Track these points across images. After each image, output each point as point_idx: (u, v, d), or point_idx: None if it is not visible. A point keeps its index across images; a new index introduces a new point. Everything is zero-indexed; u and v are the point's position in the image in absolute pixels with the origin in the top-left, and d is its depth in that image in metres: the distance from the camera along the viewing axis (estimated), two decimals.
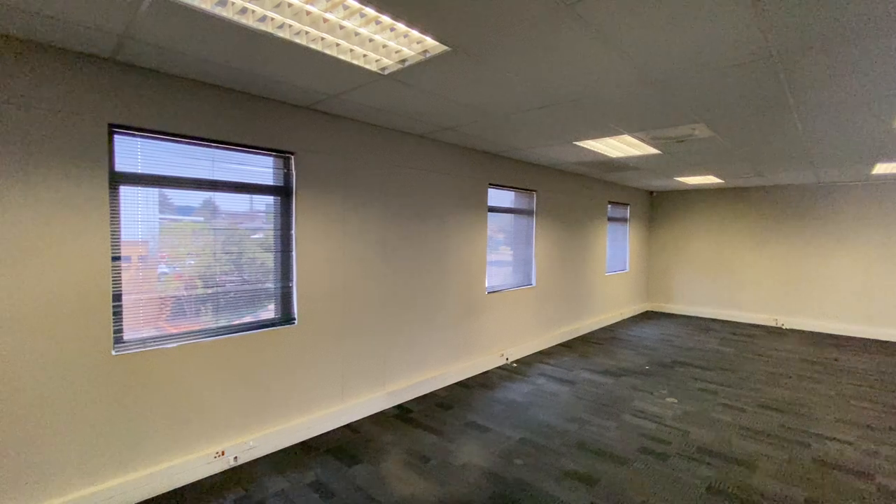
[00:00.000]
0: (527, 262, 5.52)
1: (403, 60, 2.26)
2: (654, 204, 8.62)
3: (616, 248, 7.70)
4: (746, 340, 6.21)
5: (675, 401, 3.92)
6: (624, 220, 7.83)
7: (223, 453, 2.71)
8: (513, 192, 5.30)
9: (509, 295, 5.08)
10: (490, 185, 4.75)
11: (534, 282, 5.48)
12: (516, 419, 3.49)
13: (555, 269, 5.84)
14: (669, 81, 2.44)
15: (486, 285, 4.79)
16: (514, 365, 4.92)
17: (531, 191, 5.40)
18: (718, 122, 3.28)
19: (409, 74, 2.43)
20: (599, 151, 4.39)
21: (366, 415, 3.53)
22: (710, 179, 6.50)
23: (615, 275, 7.47)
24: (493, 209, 4.87)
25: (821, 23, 1.76)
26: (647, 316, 7.99)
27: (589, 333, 6.50)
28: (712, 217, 7.90)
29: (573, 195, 6.18)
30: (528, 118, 3.25)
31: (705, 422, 3.49)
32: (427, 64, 2.27)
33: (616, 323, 7.31)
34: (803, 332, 6.82)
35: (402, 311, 3.80)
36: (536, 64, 2.23)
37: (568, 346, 5.78)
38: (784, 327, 7.11)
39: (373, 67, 2.35)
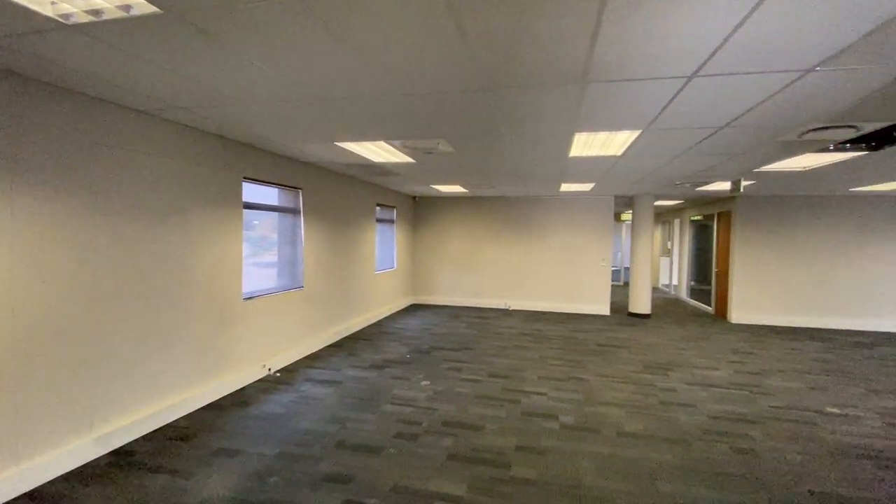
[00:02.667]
0: (294, 264, 5.24)
1: (97, 11, 1.77)
2: (418, 207, 9.52)
3: (385, 247, 8.15)
4: (485, 322, 7.52)
5: (429, 383, 4.39)
6: (391, 221, 8.37)
7: None
8: (276, 189, 4.95)
9: (273, 300, 4.72)
10: (246, 178, 4.30)
11: (302, 283, 5.26)
12: (275, 434, 3.25)
13: (325, 269, 5.75)
14: (415, 96, 2.68)
15: (244, 291, 4.32)
16: (278, 374, 4.60)
17: (296, 188, 5.16)
18: (455, 140, 3.81)
19: (109, 32, 1.92)
20: (361, 154, 4.52)
21: (60, 473, 2.66)
22: (458, 189, 7.58)
23: (384, 272, 7.90)
24: (250, 206, 4.42)
25: (512, 68, 2.22)
26: (413, 309, 8.77)
27: (360, 331, 6.67)
28: (463, 220, 9.26)
29: (343, 196, 6.21)
30: (278, 110, 3.06)
31: (451, 397, 4.02)
32: (133, 24, 1.84)
33: (386, 317, 7.75)
34: (523, 311, 8.72)
35: (120, 330, 3.03)
36: (277, 53, 2.09)
37: (338, 345, 5.78)
38: (511, 309, 8.94)
39: (47, 11, 1.76)
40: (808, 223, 7.73)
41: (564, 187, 7.25)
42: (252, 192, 4.51)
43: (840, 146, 3.82)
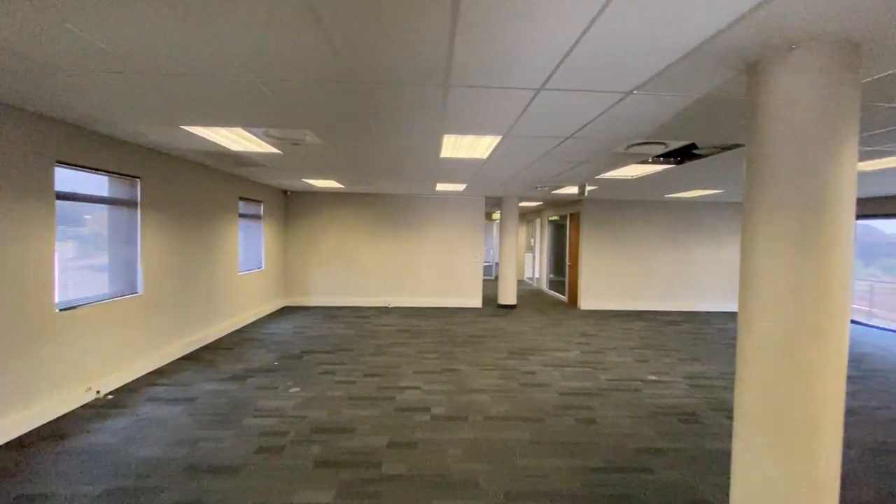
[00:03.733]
0: (129, 265, 4.47)
1: None
2: (290, 203, 8.93)
3: (251, 246, 7.47)
4: (363, 321, 7.40)
5: (298, 389, 4.15)
6: (258, 217, 7.70)
7: None
8: (105, 177, 4.16)
9: (102, 309, 3.96)
10: (60, 163, 3.52)
11: (140, 289, 4.52)
12: (102, 468, 2.73)
13: (172, 271, 5.03)
14: (272, 83, 2.47)
15: (60, 299, 3.54)
16: (110, 397, 3.89)
17: (133, 177, 4.41)
18: (324, 132, 3.65)
19: None
20: (215, 141, 4.05)
21: None
22: (333, 184, 7.31)
23: (250, 273, 7.24)
24: (66, 196, 3.64)
25: (373, 65, 2.19)
26: (285, 312, 8.21)
27: (220, 339, 6.00)
28: (340, 217, 8.95)
29: (197, 187, 5.50)
30: (106, 84, 2.56)
31: (322, 402, 3.86)
32: None
33: (252, 323, 7.11)
34: (403, 308, 8.80)
35: None
36: (99, 17, 1.74)
37: (192, 357, 5.12)
38: (390, 306, 8.95)
39: None
40: (638, 223, 9.22)
41: (440, 186, 7.49)
42: (78, 180, 3.73)
43: (656, 159, 4.62)
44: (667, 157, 4.47)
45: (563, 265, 10.82)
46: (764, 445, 1.96)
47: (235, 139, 3.96)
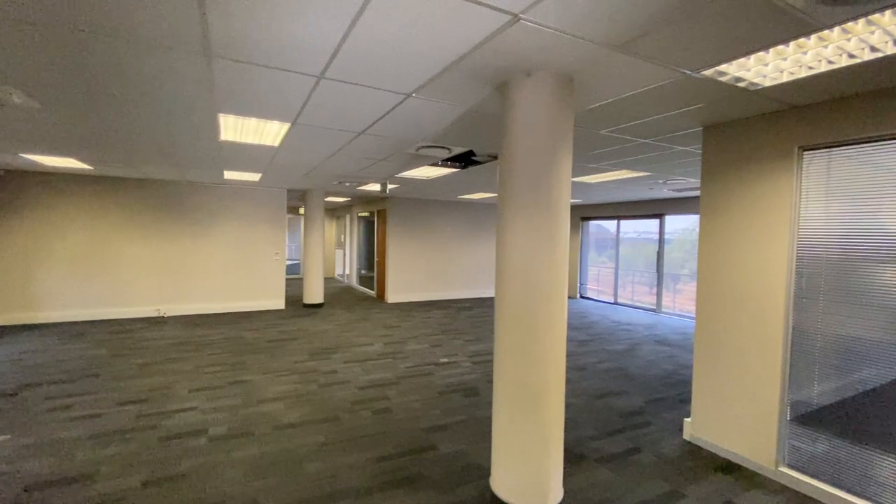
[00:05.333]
0: None
1: None
2: (8, 187, 6.56)
3: None
4: (124, 337, 6.00)
5: (8, 437, 3.07)
6: None
7: None
8: None
9: None
10: None
11: None
12: None
13: None
14: None
15: None
16: None
17: None
18: (41, 94, 2.75)
19: None
20: None
21: None
22: (74, 163, 5.67)
23: None
24: None
25: (108, 11, 1.72)
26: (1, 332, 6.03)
27: None
28: (91, 208, 7.03)
29: None
30: None
31: (48, 448, 2.94)
32: None
33: None
34: (183, 316, 7.50)
35: None
36: None
37: None
38: (166, 316, 7.51)
39: None
40: (438, 220, 10.02)
41: (229, 175, 6.62)
42: None
43: (444, 163, 5.05)
44: (453, 161, 4.93)
45: (372, 261, 10.98)
46: (509, 405, 2.32)
47: None
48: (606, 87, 2.43)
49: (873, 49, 1.91)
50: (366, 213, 11.49)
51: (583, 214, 10.94)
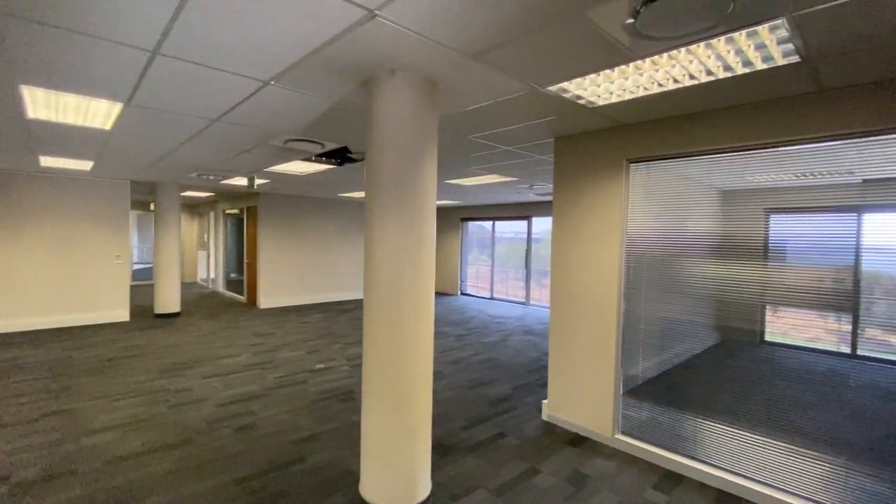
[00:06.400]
0: None
1: None
2: None
3: None
4: None
5: None
6: None
7: None
8: None
9: None
10: None
11: None
12: None
13: None
14: None
15: None
16: None
17: None
18: None
19: None
20: None
21: None
22: None
23: None
24: None
25: None
26: None
27: None
28: None
29: None
30: None
31: None
32: None
33: None
34: None
35: None
36: None
37: None
38: None
39: None
40: (316, 219, 9.55)
41: (48, 162, 5.43)
42: None
43: (318, 158, 4.82)
44: (328, 157, 4.73)
45: (242, 263, 10.02)
46: (378, 406, 2.30)
47: None
48: (469, 93, 2.55)
49: (675, 80, 2.32)
50: (234, 211, 10.44)
51: (462, 215, 11.44)
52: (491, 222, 10.99)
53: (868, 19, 1.63)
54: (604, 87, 2.44)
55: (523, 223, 10.10)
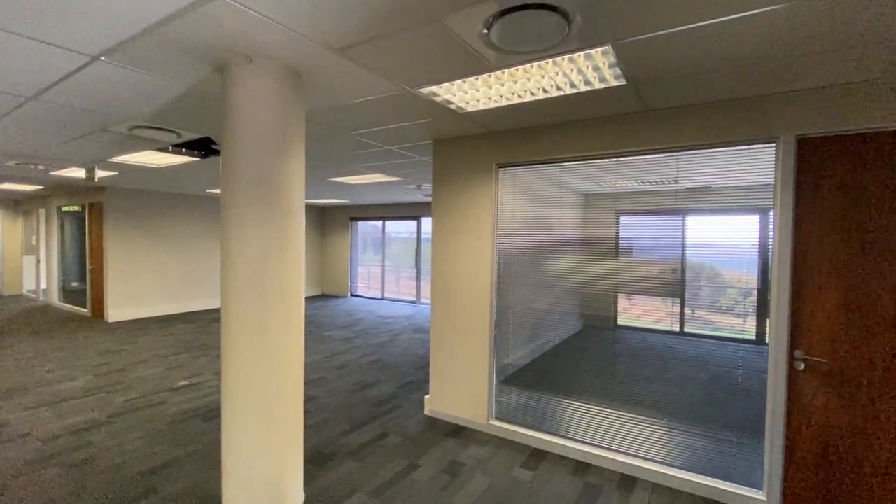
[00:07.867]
0: None
1: None
2: None
3: None
4: None
5: None
6: None
7: None
8: None
9: None
10: None
11: None
12: None
13: None
14: None
15: None
16: None
17: None
18: None
19: None
20: None
21: None
22: None
23: None
24: None
25: None
26: None
27: None
28: None
29: None
30: None
31: None
32: None
33: None
34: None
35: None
36: None
37: None
38: None
39: None
40: (180, 218, 8.49)
41: None
42: None
43: (177, 149, 4.29)
44: (189, 148, 4.24)
45: (84, 269, 8.48)
46: (239, 416, 2.13)
47: None
48: (341, 88, 2.49)
49: (531, 93, 2.54)
50: (73, 208, 8.79)
51: (351, 215, 11.17)
52: (381, 222, 10.91)
53: (671, 54, 1.96)
54: (471, 94, 2.57)
55: (413, 223, 10.22)
